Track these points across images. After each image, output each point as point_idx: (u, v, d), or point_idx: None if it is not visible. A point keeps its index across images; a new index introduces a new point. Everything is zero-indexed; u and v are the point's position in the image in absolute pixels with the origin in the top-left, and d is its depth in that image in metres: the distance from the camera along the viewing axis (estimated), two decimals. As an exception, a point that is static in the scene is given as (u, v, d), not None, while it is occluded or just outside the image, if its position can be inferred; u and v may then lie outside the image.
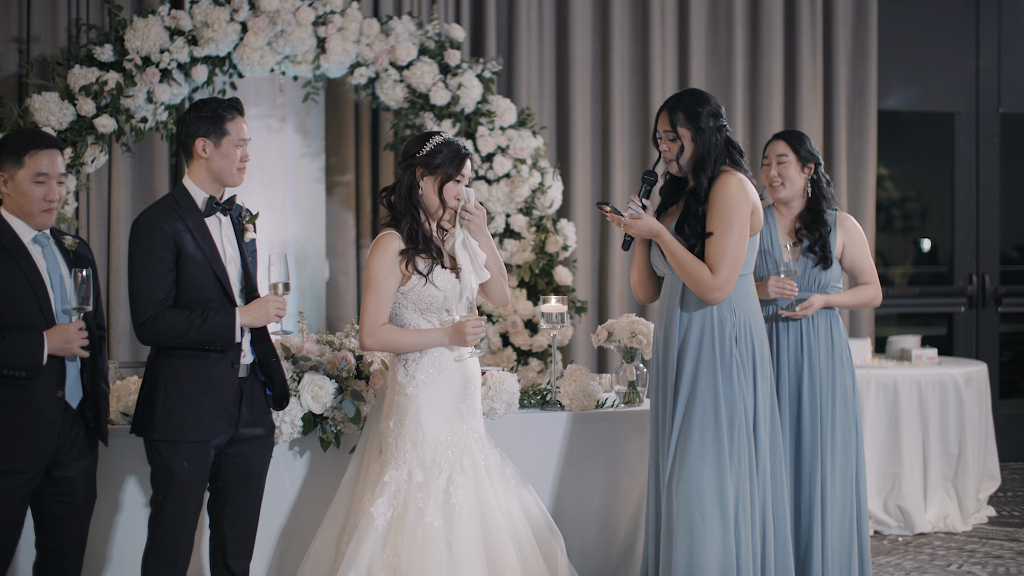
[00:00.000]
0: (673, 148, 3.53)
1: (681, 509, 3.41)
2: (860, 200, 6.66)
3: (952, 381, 5.61)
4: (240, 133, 3.38)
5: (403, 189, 3.49)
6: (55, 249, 3.33)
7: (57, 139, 3.35)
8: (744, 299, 3.53)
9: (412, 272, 3.45)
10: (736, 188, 3.45)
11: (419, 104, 5.49)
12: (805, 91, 6.54)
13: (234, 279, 3.41)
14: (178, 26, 5.15)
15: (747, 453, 3.46)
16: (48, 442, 3.24)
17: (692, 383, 3.47)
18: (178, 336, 3.28)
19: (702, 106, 3.51)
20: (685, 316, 3.52)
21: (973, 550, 5.25)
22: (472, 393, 3.57)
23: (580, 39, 6.20)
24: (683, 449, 3.44)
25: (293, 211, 5.92)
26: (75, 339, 3.20)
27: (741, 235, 3.44)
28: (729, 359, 3.47)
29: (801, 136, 4.07)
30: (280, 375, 3.53)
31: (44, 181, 3.24)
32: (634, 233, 3.52)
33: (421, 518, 3.37)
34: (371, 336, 3.44)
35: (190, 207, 3.36)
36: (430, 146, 3.48)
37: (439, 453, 3.45)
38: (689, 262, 3.46)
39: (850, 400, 3.95)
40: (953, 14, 7.20)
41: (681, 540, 3.40)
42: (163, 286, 3.28)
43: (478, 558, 3.38)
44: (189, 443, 3.32)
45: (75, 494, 3.33)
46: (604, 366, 6.15)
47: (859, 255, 4.09)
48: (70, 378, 3.29)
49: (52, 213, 3.28)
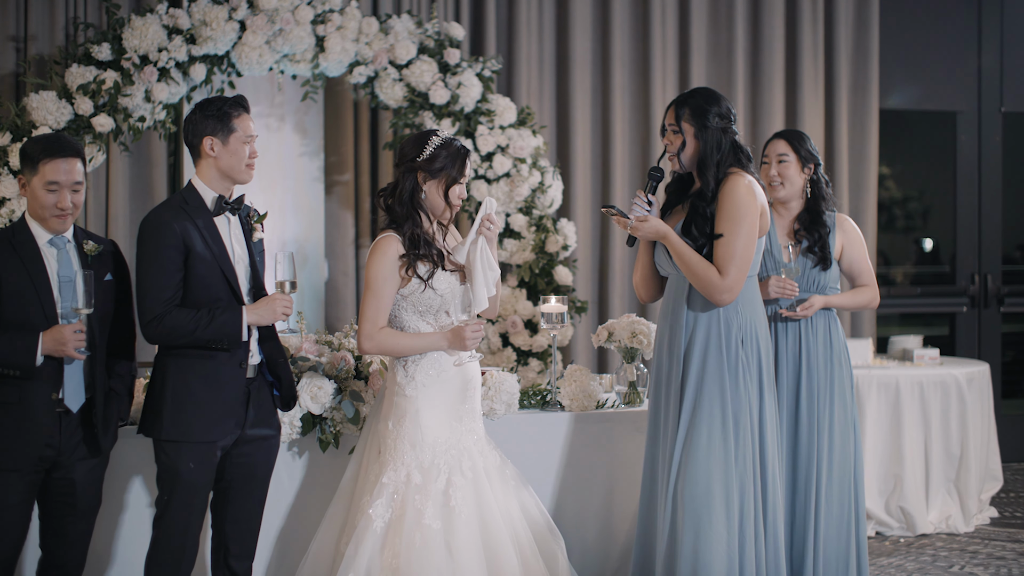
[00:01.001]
0: (676, 142, 3.53)
1: (687, 512, 3.39)
2: (862, 199, 6.65)
3: (954, 381, 5.60)
4: (247, 130, 3.38)
5: (404, 194, 3.46)
6: (73, 253, 3.33)
7: (76, 145, 3.33)
8: (750, 301, 3.53)
9: (412, 276, 3.43)
10: (746, 190, 3.44)
11: (418, 103, 5.47)
12: (806, 90, 6.53)
13: (242, 279, 3.41)
14: (176, 25, 5.14)
15: (752, 456, 3.45)
16: (40, 442, 3.22)
17: (698, 385, 3.46)
18: (185, 335, 3.27)
19: (711, 105, 3.50)
20: (691, 317, 3.51)
21: (975, 551, 5.24)
22: (472, 395, 3.56)
23: (580, 38, 6.19)
24: (689, 451, 3.42)
25: (292, 211, 5.90)
26: (69, 341, 3.17)
27: (750, 237, 3.44)
28: (735, 361, 3.46)
29: (802, 136, 4.06)
30: (288, 376, 3.52)
31: (55, 190, 3.25)
32: (641, 236, 3.51)
33: (419, 520, 3.36)
34: (369, 340, 3.43)
35: (199, 206, 3.36)
36: (430, 149, 3.45)
37: (438, 455, 3.44)
38: (697, 264, 3.44)
39: (848, 401, 3.94)
40: (955, 12, 7.18)
41: (686, 542, 3.39)
42: (171, 285, 3.28)
43: (478, 560, 3.37)
44: (195, 443, 3.31)
45: (76, 496, 3.31)
46: (604, 366, 6.14)
47: (857, 257, 4.08)
48: (71, 381, 3.27)
49: (65, 219, 3.28)
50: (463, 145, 3.50)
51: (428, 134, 3.50)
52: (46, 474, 3.28)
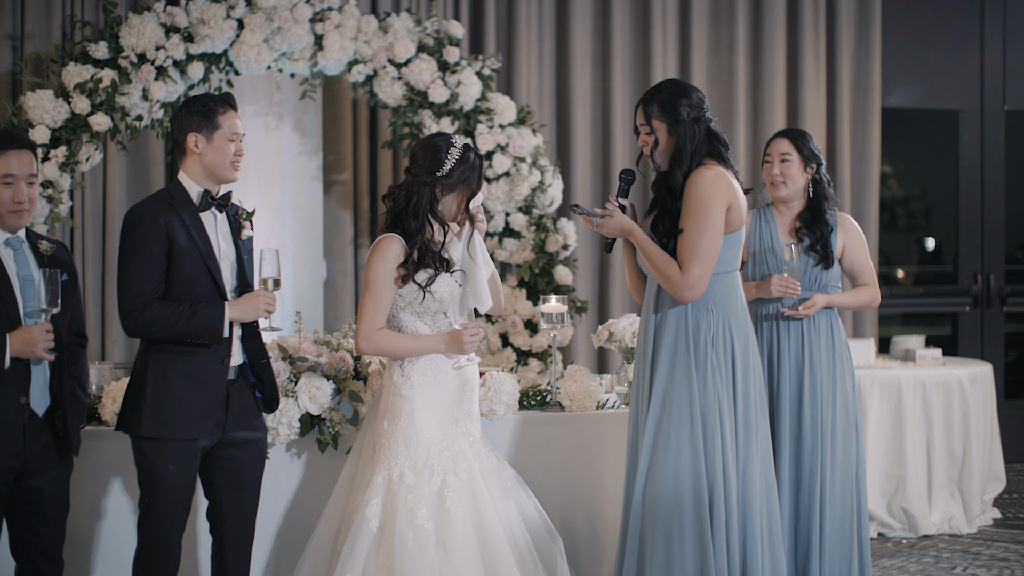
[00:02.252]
0: (649, 141, 3.43)
1: (658, 519, 3.29)
2: (864, 198, 6.63)
3: (957, 382, 5.59)
4: (233, 127, 3.35)
5: (421, 208, 3.41)
6: (29, 253, 3.27)
7: (28, 139, 3.31)
8: (724, 298, 3.39)
9: (411, 282, 3.42)
10: (710, 182, 3.30)
11: (417, 102, 5.45)
12: (808, 88, 6.51)
13: (227, 276, 3.37)
14: (174, 23, 5.12)
15: (727, 459, 3.32)
16: (9, 450, 3.15)
17: (666, 387, 3.35)
18: (165, 328, 3.23)
19: (679, 98, 3.38)
20: (658, 317, 3.40)
21: (978, 552, 5.23)
22: (469, 397, 3.53)
23: (580, 35, 6.18)
24: (656, 457, 3.32)
25: (290, 210, 5.88)
26: (38, 341, 3.11)
27: (715, 231, 3.29)
28: (704, 361, 3.33)
29: (804, 135, 4.05)
30: (270, 376, 3.48)
31: (11, 183, 3.19)
32: (606, 232, 3.42)
33: (412, 520, 3.34)
34: (366, 341, 3.42)
35: (185, 201, 3.33)
36: (449, 165, 3.41)
37: (432, 456, 3.42)
38: (659, 259, 3.34)
39: (850, 401, 3.92)
40: (958, 10, 7.16)
41: (657, 553, 3.28)
42: (152, 277, 3.24)
43: (474, 563, 3.35)
44: (175, 441, 3.27)
45: (44, 504, 3.25)
46: (605, 367, 6.13)
47: (859, 256, 4.07)
48: (36, 384, 3.21)
49: (22, 215, 3.22)
50: (478, 154, 3.49)
51: (443, 145, 3.45)
52: (13, 483, 3.20)
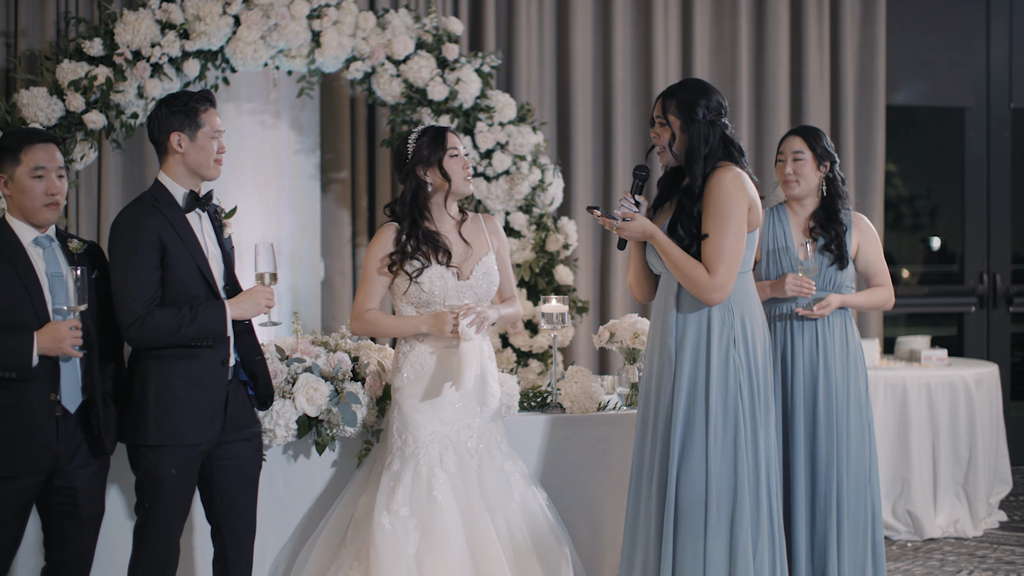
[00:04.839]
0: (663, 135, 3.46)
1: (689, 517, 3.32)
2: (868, 197, 6.60)
3: (962, 383, 5.58)
4: (215, 125, 3.37)
5: (407, 195, 3.62)
6: (58, 251, 3.30)
7: (52, 133, 3.37)
8: (743, 298, 3.43)
9: (399, 272, 3.60)
10: (731, 183, 3.35)
11: (416, 99, 5.41)
12: (812, 85, 6.48)
13: (217, 275, 3.38)
14: (169, 20, 5.09)
15: (751, 459, 3.37)
16: (41, 447, 3.17)
17: (692, 387, 3.38)
18: (169, 334, 3.23)
19: (699, 98, 3.41)
20: (681, 317, 3.43)
21: (984, 556, 5.22)
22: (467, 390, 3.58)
23: (581, 32, 6.15)
24: (687, 456, 3.35)
25: (287, 209, 5.85)
26: (66, 338, 3.14)
27: (739, 233, 3.35)
28: (726, 360, 3.37)
29: (818, 133, 4.02)
30: (264, 373, 3.49)
31: (43, 175, 3.24)
32: (627, 236, 3.44)
33: (389, 504, 3.49)
34: (357, 320, 3.66)
35: (170, 203, 3.33)
36: (412, 145, 3.63)
37: (419, 447, 3.55)
38: (685, 263, 3.36)
39: (864, 401, 3.91)
40: (963, 6, 7.15)
41: (687, 549, 3.31)
42: (151, 284, 3.24)
43: (460, 556, 3.43)
44: (179, 447, 3.27)
45: (78, 505, 3.27)
46: (606, 367, 6.11)
47: (873, 256, 4.04)
48: (67, 381, 3.22)
49: (56, 208, 3.26)
50: (439, 125, 3.68)
51: (407, 134, 3.68)
52: (47, 482, 3.23)
